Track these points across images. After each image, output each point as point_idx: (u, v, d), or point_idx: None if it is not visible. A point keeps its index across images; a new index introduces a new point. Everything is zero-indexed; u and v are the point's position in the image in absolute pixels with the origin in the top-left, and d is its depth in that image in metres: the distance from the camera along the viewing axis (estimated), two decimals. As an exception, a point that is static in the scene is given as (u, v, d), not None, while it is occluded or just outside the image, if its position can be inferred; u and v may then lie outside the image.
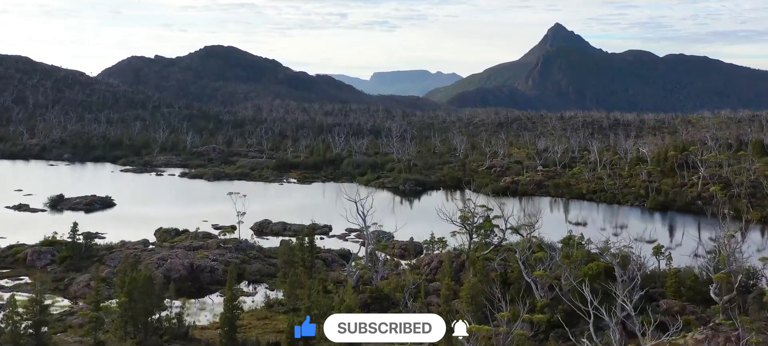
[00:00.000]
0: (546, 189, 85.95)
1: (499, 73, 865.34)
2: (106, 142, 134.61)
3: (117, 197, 77.94)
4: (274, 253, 50.46)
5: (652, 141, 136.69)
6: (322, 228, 62.37)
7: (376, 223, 48.55)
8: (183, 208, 74.08)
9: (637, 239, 67.22)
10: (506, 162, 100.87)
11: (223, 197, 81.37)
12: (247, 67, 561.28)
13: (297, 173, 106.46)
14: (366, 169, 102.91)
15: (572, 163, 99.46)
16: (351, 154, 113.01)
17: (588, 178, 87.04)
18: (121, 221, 67.03)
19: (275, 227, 62.27)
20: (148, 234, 58.87)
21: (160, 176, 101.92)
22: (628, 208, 78.47)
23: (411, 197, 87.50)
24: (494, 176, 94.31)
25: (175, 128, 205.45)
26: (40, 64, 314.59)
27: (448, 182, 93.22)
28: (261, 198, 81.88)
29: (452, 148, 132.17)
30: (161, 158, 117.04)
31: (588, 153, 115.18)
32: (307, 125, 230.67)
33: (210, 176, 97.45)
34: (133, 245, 50.98)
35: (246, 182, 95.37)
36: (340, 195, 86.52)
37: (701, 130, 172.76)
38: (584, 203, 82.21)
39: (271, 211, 72.44)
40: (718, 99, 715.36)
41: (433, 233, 45.77)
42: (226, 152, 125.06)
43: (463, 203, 44.96)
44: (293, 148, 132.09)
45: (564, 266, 35.00)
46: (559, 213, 79.52)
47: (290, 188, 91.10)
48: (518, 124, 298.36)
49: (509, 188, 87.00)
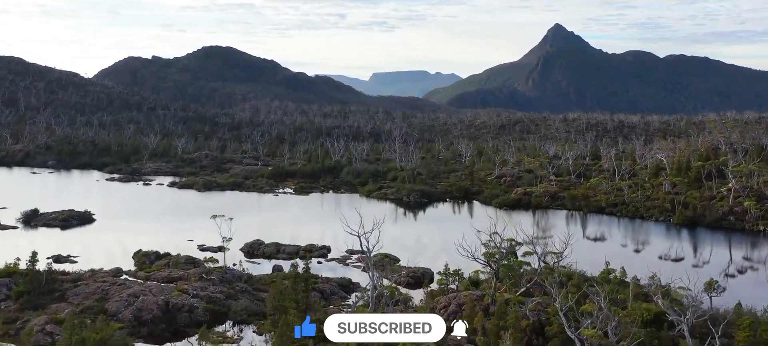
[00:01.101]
0: (561, 202, 79.64)
1: (499, 73, 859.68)
2: (94, 148, 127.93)
3: (98, 210, 71.65)
4: (265, 284, 44.19)
5: (666, 146, 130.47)
6: (320, 250, 56.09)
7: (379, 242, 42.31)
8: (168, 224, 67.77)
9: (662, 256, 61.50)
10: (516, 171, 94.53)
11: (214, 210, 75.45)
12: (246, 67, 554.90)
13: (294, 182, 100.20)
14: (367, 177, 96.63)
15: (587, 172, 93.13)
16: (351, 161, 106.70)
17: (606, 189, 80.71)
18: (99, 239, 60.82)
19: (267, 249, 55.95)
20: (125, 257, 52.67)
21: (147, 186, 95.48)
22: (653, 223, 72.18)
23: (416, 210, 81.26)
24: (504, 187, 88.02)
25: (170, 131, 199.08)
26: (33, 65, 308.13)
27: (455, 192, 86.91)
28: (253, 212, 75.67)
29: (457, 155, 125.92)
30: (150, 166, 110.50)
31: (602, 160, 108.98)
32: (306, 128, 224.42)
33: (200, 186, 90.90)
34: (104, 276, 44.64)
35: (238, 193, 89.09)
36: (339, 207, 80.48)
37: (712, 134, 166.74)
38: (603, 217, 75.92)
39: (264, 227, 66.19)
40: (718, 100, 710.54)
41: (447, 265, 39.42)
42: (219, 159, 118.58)
43: (485, 233, 38.46)
44: (290, 154, 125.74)
45: (613, 316, 28.80)
46: (576, 227, 73.37)
47: (286, 200, 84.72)
48: (521, 126, 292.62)
49: (522, 201, 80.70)
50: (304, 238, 60.49)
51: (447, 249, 56.35)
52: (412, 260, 51.19)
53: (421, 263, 50.83)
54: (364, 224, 38.60)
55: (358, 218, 38.22)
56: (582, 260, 46.67)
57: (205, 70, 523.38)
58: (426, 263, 50.98)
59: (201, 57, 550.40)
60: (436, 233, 66.40)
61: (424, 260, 52.40)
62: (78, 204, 73.02)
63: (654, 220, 72.50)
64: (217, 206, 78.42)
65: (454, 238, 46.90)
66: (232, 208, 77.24)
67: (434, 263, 51.29)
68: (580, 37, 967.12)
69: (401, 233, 65.52)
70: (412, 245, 59.68)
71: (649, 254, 61.87)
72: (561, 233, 59.38)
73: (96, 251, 56.15)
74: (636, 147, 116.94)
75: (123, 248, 56.18)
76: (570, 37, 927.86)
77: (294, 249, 55.66)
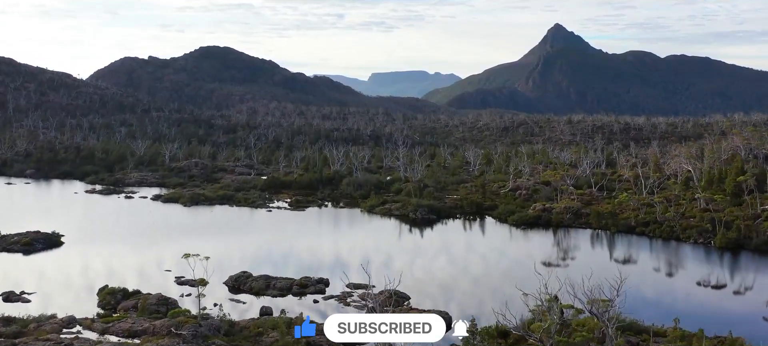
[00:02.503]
0: (585, 219, 71.72)
1: (499, 74, 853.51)
2: (77, 155, 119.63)
3: (69, 230, 63.80)
4: (247, 337, 36.32)
5: (686, 152, 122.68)
6: (316, 284, 48.19)
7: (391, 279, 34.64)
8: (145, 248, 59.86)
9: (700, 282, 54.11)
10: (532, 183, 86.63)
11: (198, 229, 67.64)
12: (244, 68, 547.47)
13: (289, 194, 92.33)
14: (369, 189, 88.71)
15: (610, 184, 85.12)
16: (351, 171, 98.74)
17: (635, 205, 72.82)
18: (63, 269, 52.92)
19: (256, 283, 48.00)
20: (89, 295, 44.83)
21: (129, 199, 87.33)
22: (690, 246, 64.24)
23: (423, 227, 73.45)
24: (520, 201, 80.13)
25: (162, 135, 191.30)
26: (24, 66, 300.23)
27: (466, 207, 78.99)
28: (242, 232, 67.72)
29: (465, 162, 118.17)
30: (135, 175, 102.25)
31: (620, 169, 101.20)
32: (304, 130, 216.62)
33: (186, 200, 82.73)
34: (53, 327, 36.72)
35: (228, 208, 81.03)
36: (339, 225, 72.74)
37: (729, 138, 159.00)
38: (633, 237, 68.02)
39: (253, 252, 58.40)
40: (720, 100, 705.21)
41: (474, 320, 31.55)
42: (209, 168, 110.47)
43: (532, 295, 30.55)
44: (286, 162, 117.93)
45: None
46: (602, 249, 65.60)
47: (280, 216, 76.74)
48: (524, 128, 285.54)
49: (541, 218, 72.76)
50: (299, 267, 52.73)
51: (460, 279, 48.86)
52: (423, 300, 43.54)
53: (437, 302, 43.16)
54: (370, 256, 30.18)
55: (361, 239, 29.82)
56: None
57: (203, 71, 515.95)
58: (440, 302, 43.27)
59: (198, 57, 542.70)
60: (449, 259, 58.53)
61: (438, 297, 44.70)
62: (48, 223, 65.16)
63: (692, 242, 64.52)
64: (202, 225, 70.68)
65: (472, 265, 39.31)
66: (218, 227, 69.45)
67: (449, 302, 43.62)
68: (580, 37, 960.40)
69: (410, 258, 57.74)
70: (423, 276, 51.90)
71: (684, 281, 54.69)
72: (594, 262, 52.33)
73: (56, 285, 48.33)
74: (656, 154, 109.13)
75: (88, 281, 48.38)
76: (570, 38, 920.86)
77: (286, 284, 47.75)
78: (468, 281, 50.94)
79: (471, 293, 47.67)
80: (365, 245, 62.48)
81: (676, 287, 53.08)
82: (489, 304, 35.38)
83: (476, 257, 59.72)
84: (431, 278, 51.61)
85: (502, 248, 64.74)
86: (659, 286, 53.10)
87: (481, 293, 47.23)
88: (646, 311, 39.58)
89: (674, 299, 49.19)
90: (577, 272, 49.15)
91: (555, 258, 60.18)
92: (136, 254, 56.85)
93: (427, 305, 41.64)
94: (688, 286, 52.60)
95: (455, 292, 47.53)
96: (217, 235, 65.90)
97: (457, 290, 48.01)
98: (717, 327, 36.09)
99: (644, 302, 44.75)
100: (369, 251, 58.81)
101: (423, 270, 53.92)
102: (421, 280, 49.89)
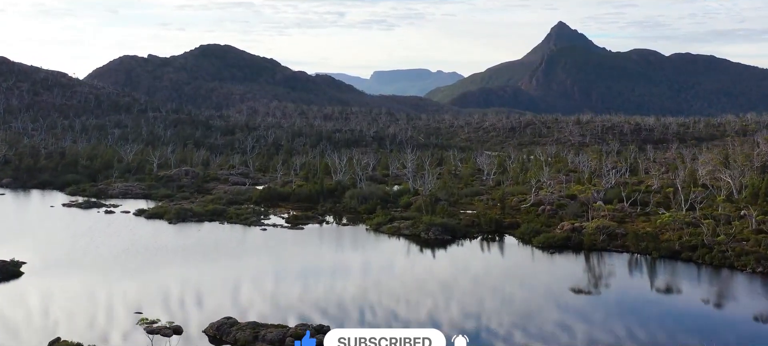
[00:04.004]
0: (621, 241, 63.20)
1: (501, 72, 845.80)
2: (59, 161, 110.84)
3: (33, 256, 55.53)
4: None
5: (715, 159, 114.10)
6: (316, 333, 39.71)
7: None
8: (116, 279, 51.48)
9: (757, 318, 46.00)
10: (556, 196, 78.00)
11: (180, 253, 59.25)
12: (244, 66, 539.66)
13: (287, 207, 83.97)
14: (375, 203, 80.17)
15: (644, 196, 76.39)
16: (355, 182, 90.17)
17: (677, 225, 64.24)
18: (15, 310, 44.53)
19: (241, 333, 39.57)
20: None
21: (109, 215, 78.83)
22: (748, 275, 55.71)
23: (436, 248, 65.06)
24: (544, 218, 71.59)
25: (157, 137, 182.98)
26: (18, 65, 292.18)
27: (485, 225, 70.45)
28: (232, 258, 59.07)
29: (478, 169, 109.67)
30: (120, 186, 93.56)
31: (647, 178, 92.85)
32: (305, 132, 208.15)
33: (172, 216, 74.06)
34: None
35: (218, 226, 72.33)
36: (341, 246, 64.01)
37: (754, 141, 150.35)
38: (677, 263, 59.51)
39: (241, 287, 49.98)
40: (726, 99, 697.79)
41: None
42: (201, 177, 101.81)
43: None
44: (284, 169, 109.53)
45: None
46: (642, 277, 57.24)
47: (275, 236, 68.13)
48: (532, 129, 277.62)
49: (570, 239, 64.16)
50: (295, 308, 44.36)
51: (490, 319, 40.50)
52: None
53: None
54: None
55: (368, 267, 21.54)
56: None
57: (203, 70, 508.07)
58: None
59: (198, 56, 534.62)
60: (476, 299, 49.95)
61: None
62: (9, 247, 56.93)
63: (749, 271, 55.99)
64: (187, 247, 62.16)
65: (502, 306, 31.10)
66: (204, 251, 60.95)
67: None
68: (583, 35, 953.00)
69: (428, 289, 49.28)
70: (442, 313, 43.41)
71: (739, 314, 46.70)
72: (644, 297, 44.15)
73: (3, 331, 40.05)
74: (688, 162, 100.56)
75: (40, 329, 40.06)
76: (573, 36, 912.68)
77: (278, 335, 39.31)
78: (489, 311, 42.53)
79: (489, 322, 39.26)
80: (372, 275, 54.13)
81: (732, 323, 45.06)
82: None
83: (506, 292, 51.31)
84: (451, 314, 43.05)
85: (535, 278, 56.19)
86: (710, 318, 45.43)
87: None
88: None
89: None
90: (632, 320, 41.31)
91: (594, 288, 51.96)
92: (104, 288, 48.42)
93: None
94: (743, 321, 44.76)
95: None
96: (201, 261, 57.52)
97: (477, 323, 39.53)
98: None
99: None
100: (377, 285, 50.47)
101: (443, 305, 45.37)
102: (442, 317, 41.38)
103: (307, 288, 49.69)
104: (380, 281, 52.05)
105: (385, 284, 51.17)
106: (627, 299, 49.98)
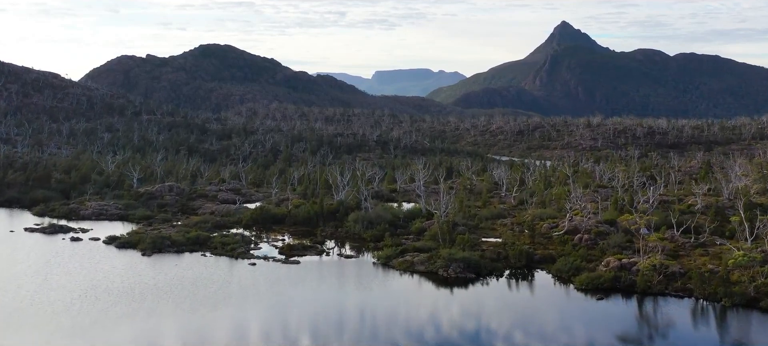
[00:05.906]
0: (682, 284, 52.30)
1: (504, 72, 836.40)
2: (31, 174, 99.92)
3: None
4: None
5: (756, 172, 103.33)
6: None
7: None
8: (62, 340, 40.84)
9: None
10: (593, 222, 67.06)
11: (147, 305, 48.31)
12: (245, 66, 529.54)
13: (282, 231, 73.33)
14: (383, 229, 69.45)
15: (690, 217, 65.04)
16: (359, 201, 79.33)
17: (747, 262, 53.24)
18: None
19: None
20: None
21: (75, 242, 67.96)
22: None
23: (458, 288, 54.38)
24: (583, 250, 60.76)
25: (149, 142, 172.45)
26: (8, 65, 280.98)
27: (513, 259, 59.64)
28: (208, 309, 48.05)
29: (495, 183, 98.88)
30: (94, 205, 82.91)
31: (691, 196, 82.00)
32: (305, 136, 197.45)
33: (147, 245, 63.29)
34: None
35: (199, 259, 61.44)
36: (344, 288, 52.75)
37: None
38: (754, 313, 48.58)
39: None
40: (732, 100, 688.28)
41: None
42: (186, 194, 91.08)
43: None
44: (280, 182, 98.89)
45: None
46: (710, 330, 46.46)
47: (265, 273, 57.28)
48: (541, 132, 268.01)
49: (619, 279, 53.31)
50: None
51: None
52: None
53: None
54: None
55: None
56: None
57: (202, 70, 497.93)
58: None
59: (198, 56, 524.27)
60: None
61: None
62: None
63: None
64: (156, 292, 51.23)
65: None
66: (176, 299, 49.94)
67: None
68: (587, 35, 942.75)
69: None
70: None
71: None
72: None
73: None
74: (715, 169, 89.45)
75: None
76: (576, 36, 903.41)
77: None
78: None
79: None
80: (382, 332, 43.55)
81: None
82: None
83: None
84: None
85: (587, 334, 45.39)
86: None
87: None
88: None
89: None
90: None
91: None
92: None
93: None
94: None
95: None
96: (172, 312, 46.78)
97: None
98: None
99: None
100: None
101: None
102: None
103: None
104: (390, 334, 41.41)
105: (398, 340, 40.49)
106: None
